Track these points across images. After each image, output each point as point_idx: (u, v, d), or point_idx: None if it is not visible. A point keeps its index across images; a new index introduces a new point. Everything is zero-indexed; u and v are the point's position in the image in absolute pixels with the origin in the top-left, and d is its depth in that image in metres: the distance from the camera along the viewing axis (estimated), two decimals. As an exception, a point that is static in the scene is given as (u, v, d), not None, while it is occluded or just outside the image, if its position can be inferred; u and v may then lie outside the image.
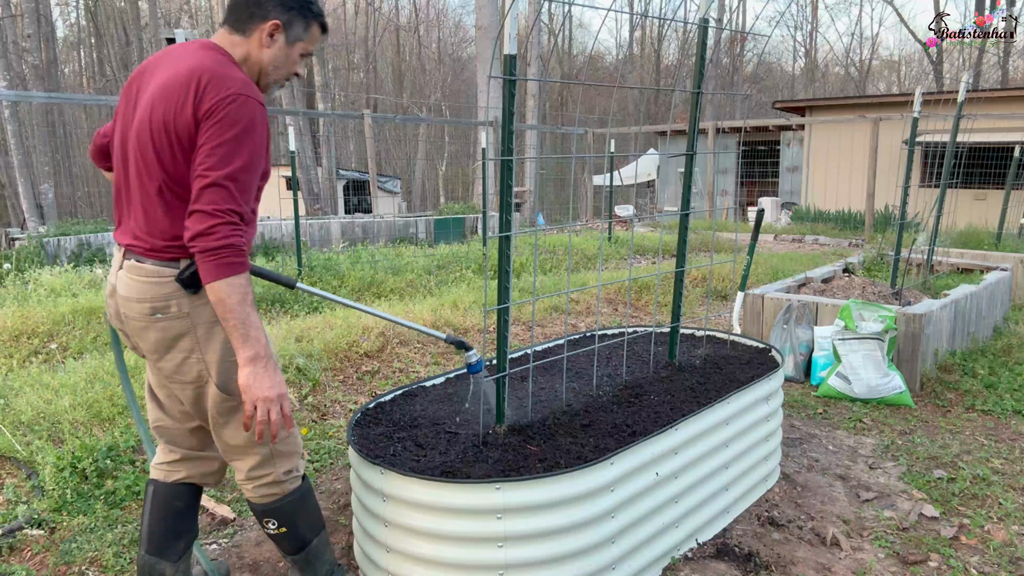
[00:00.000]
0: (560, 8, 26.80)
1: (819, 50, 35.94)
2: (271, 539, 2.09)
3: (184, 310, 1.78)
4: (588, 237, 10.77)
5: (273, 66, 1.87)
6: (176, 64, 1.76)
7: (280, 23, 1.84)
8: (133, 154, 1.78)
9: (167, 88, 1.72)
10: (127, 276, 1.80)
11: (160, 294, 1.76)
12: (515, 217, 6.78)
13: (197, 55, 1.77)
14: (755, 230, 4.94)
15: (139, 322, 1.80)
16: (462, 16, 42.09)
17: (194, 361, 1.82)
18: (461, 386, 2.82)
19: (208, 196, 1.63)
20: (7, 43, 14.94)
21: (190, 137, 1.69)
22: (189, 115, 1.68)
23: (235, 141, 1.67)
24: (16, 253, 7.31)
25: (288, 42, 1.87)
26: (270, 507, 2.00)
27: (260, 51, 1.84)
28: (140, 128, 1.76)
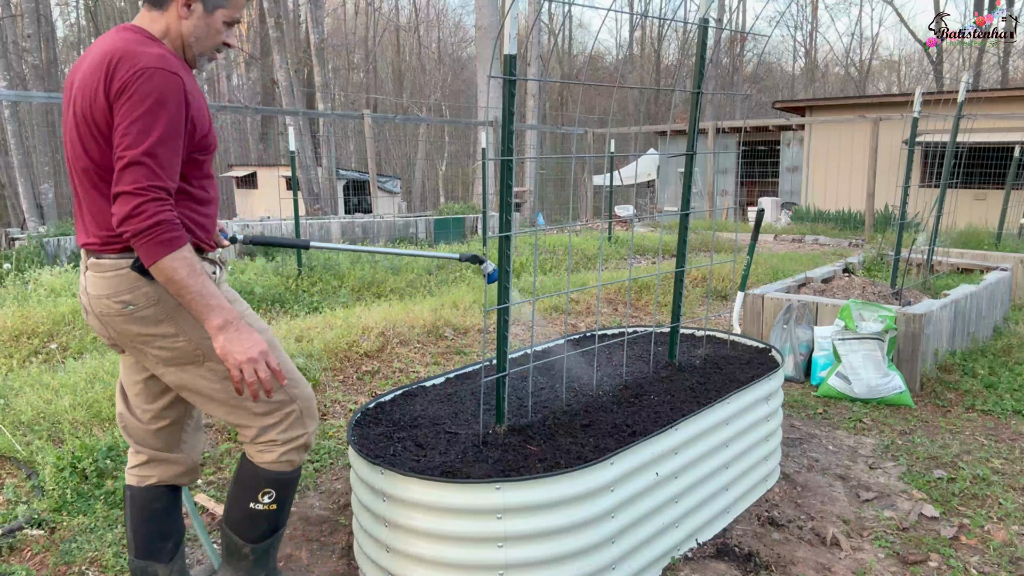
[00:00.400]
0: (560, 8, 26.81)
1: (819, 50, 35.97)
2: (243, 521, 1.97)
3: (153, 297, 1.75)
4: (588, 237, 10.78)
5: (195, 37, 1.79)
6: (92, 53, 1.72)
7: None
8: (70, 152, 1.75)
9: (84, 79, 1.69)
10: (92, 275, 1.78)
11: (125, 286, 1.74)
12: (515, 217, 6.78)
13: (111, 39, 1.72)
14: (755, 230, 4.94)
15: (116, 317, 1.77)
16: (462, 16, 42.12)
17: (183, 342, 1.79)
18: (461, 386, 2.82)
19: (128, 176, 1.58)
20: (7, 43, 14.95)
21: (107, 122, 1.65)
22: (102, 99, 1.64)
23: (149, 115, 1.60)
24: (16, 253, 7.31)
25: (207, 10, 1.78)
26: (281, 477, 1.94)
27: (179, 23, 1.77)
28: (69, 124, 1.74)
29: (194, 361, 1.82)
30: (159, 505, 2.04)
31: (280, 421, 1.91)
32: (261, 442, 1.91)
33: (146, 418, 1.99)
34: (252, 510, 1.95)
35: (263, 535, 1.99)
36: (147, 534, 2.01)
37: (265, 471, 1.93)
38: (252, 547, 1.99)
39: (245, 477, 1.95)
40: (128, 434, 2.02)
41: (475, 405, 2.58)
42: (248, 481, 1.94)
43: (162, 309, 1.76)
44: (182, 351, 1.80)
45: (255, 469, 1.93)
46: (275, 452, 1.92)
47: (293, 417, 1.94)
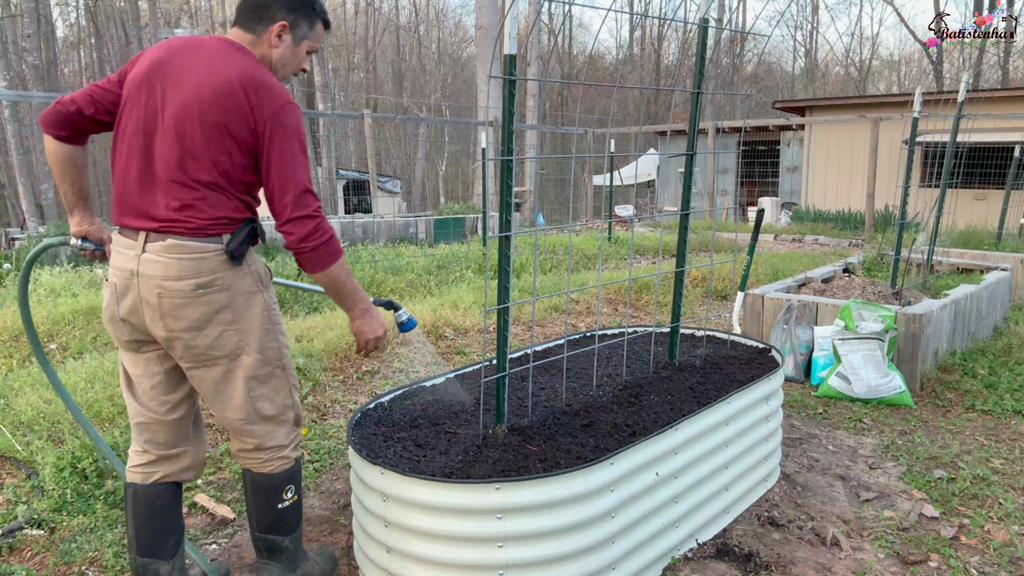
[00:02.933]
0: (560, 8, 26.81)
1: (819, 50, 35.94)
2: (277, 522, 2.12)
3: (227, 283, 1.89)
4: (588, 237, 10.77)
5: (281, 63, 2.01)
6: (216, 66, 1.87)
7: (287, 24, 1.97)
8: (168, 145, 1.86)
9: (219, 93, 1.84)
10: (162, 256, 1.86)
11: (205, 269, 1.86)
12: (515, 217, 6.77)
13: (236, 59, 1.89)
14: (755, 230, 4.94)
15: (178, 299, 1.86)
16: (462, 16, 42.12)
17: (231, 332, 1.92)
18: (461, 386, 2.81)
19: (302, 202, 1.87)
20: (7, 43, 14.94)
21: (249, 144, 1.88)
22: (249, 125, 1.86)
23: (302, 149, 1.90)
24: (16, 253, 7.31)
25: (295, 41, 2.01)
26: (292, 472, 2.11)
27: (270, 50, 1.98)
28: (183, 123, 1.85)
29: (230, 356, 1.94)
30: (162, 502, 2.09)
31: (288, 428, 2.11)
32: (268, 457, 2.08)
33: (163, 410, 2.05)
34: (281, 510, 2.12)
35: (296, 523, 2.18)
36: (150, 531, 2.06)
37: (280, 475, 2.10)
38: (290, 538, 2.17)
39: (266, 489, 2.10)
40: (142, 431, 2.06)
41: (475, 405, 2.58)
42: (270, 491, 2.10)
43: (228, 297, 1.90)
44: (226, 346, 1.92)
45: (272, 478, 2.09)
46: (286, 457, 2.11)
47: (293, 420, 2.13)
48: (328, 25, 2.10)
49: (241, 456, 2.10)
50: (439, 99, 29.41)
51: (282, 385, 2.06)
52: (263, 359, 1.98)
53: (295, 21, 1.99)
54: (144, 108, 1.89)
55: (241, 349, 1.94)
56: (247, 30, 1.97)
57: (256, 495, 2.11)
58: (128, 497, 2.07)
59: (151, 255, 1.87)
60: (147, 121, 1.89)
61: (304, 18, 2.01)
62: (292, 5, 1.98)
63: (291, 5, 1.97)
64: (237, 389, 1.97)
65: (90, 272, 6.62)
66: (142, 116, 1.90)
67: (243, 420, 2.01)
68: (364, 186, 18.23)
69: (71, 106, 1.96)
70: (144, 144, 1.89)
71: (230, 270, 1.90)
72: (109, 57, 24.80)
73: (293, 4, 1.98)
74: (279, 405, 2.06)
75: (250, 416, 2.01)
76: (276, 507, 2.11)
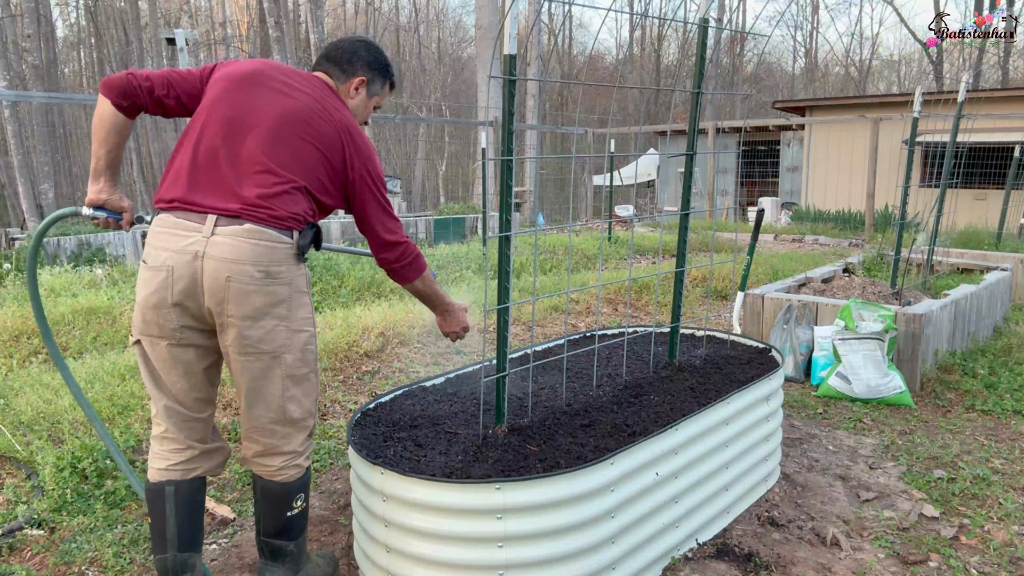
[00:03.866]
0: (560, 8, 26.81)
1: (819, 50, 35.93)
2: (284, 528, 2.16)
3: (289, 277, 1.98)
4: (588, 237, 10.77)
5: (355, 112, 2.22)
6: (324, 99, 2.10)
7: (366, 80, 2.23)
8: (269, 141, 1.99)
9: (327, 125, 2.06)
10: (238, 239, 1.91)
11: (276, 258, 1.95)
12: (515, 217, 6.77)
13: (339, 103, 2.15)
14: (755, 230, 4.94)
15: (246, 284, 1.91)
16: (462, 16, 42.09)
17: (282, 328, 1.99)
18: (461, 386, 2.81)
19: (398, 228, 2.20)
20: (7, 43, 14.94)
21: (340, 179, 2.11)
22: (345, 165, 2.09)
23: (383, 189, 2.18)
24: (16, 253, 7.31)
25: (368, 96, 2.26)
26: (303, 481, 2.17)
27: (347, 100, 2.21)
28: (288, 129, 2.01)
29: (276, 351, 2.00)
30: (201, 496, 2.17)
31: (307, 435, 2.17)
32: (288, 465, 2.12)
33: (199, 406, 2.10)
34: (289, 517, 2.16)
35: (302, 528, 2.23)
36: (191, 526, 2.11)
37: (293, 484, 2.13)
38: (295, 543, 2.21)
39: (277, 497, 2.14)
40: (183, 427, 2.09)
41: (475, 405, 2.58)
42: (281, 499, 2.14)
43: (288, 291, 1.98)
44: (275, 340, 1.99)
45: (285, 487, 2.13)
46: (299, 466, 2.14)
47: (312, 427, 2.18)
48: (394, 88, 2.36)
49: (255, 462, 2.12)
50: (439, 99, 29.41)
51: (311, 390, 2.12)
52: (302, 359, 2.06)
53: (372, 78, 2.24)
54: (242, 103, 2.02)
55: (286, 347, 2.01)
56: (332, 77, 2.20)
57: (266, 501, 2.15)
58: (168, 495, 2.08)
59: (222, 238, 1.90)
60: (245, 115, 2.01)
61: (380, 77, 2.27)
62: (373, 65, 2.24)
63: (371, 64, 2.23)
64: (274, 386, 2.03)
65: (90, 272, 6.62)
66: (239, 109, 2.01)
67: (271, 419, 2.06)
68: (364, 186, 18.19)
69: (145, 82, 2.02)
70: (237, 134, 1.99)
71: (294, 265, 2.00)
72: (109, 57, 24.79)
73: (373, 64, 2.24)
74: (305, 410, 2.11)
75: (278, 416, 2.06)
76: (285, 515, 2.15)
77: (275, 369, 2.01)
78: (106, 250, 8.19)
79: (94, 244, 8.15)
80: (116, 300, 5.30)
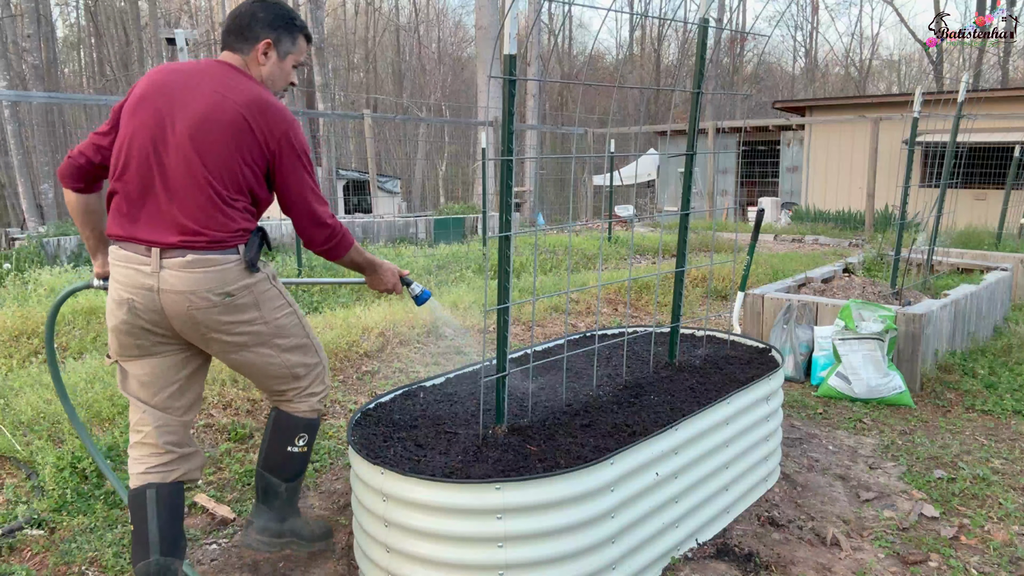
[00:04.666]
0: (560, 8, 26.81)
1: (819, 50, 35.92)
2: (282, 463, 2.32)
3: (249, 286, 2.04)
4: (588, 237, 10.77)
5: (271, 80, 2.12)
6: (223, 88, 1.99)
7: (270, 41, 2.08)
8: (183, 161, 1.95)
9: (230, 115, 1.96)
10: (184, 271, 1.95)
11: (228, 279, 1.99)
12: (515, 217, 6.77)
13: (241, 82, 2.02)
14: (755, 230, 4.94)
15: (207, 309, 1.99)
16: (462, 16, 42.08)
17: (260, 325, 2.11)
18: (461, 386, 2.82)
19: (315, 214, 2.11)
20: (7, 43, 14.94)
21: (261, 163, 2.03)
22: (260, 146, 2.00)
23: (307, 165, 2.09)
24: (16, 253, 7.31)
25: (280, 57, 2.12)
26: (312, 422, 2.33)
27: (259, 68, 2.10)
28: (198, 142, 1.95)
29: (264, 342, 2.13)
30: (180, 500, 2.18)
31: (314, 380, 2.31)
32: (297, 399, 2.28)
33: (180, 411, 2.17)
34: (290, 453, 2.31)
35: (296, 474, 2.37)
36: (172, 530, 2.12)
37: (300, 419, 2.29)
38: (286, 485, 2.36)
39: (283, 427, 2.30)
40: (162, 432, 2.13)
41: (475, 405, 2.58)
42: (286, 430, 2.30)
43: (253, 297, 2.06)
44: (257, 333, 2.11)
45: (292, 419, 2.29)
46: (309, 402, 2.30)
47: (319, 374, 2.32)
48: (310, 39, 2.20)
49: (273, 398, 2.31)
50: (439, 99, 29.40)
51: (310, 348, 2.27)
52: (292, 334, 2.19)
53: (277, 38, 2.09)
54: (151, 127, 1.97)
55: (272, 334, 2.14)
56: (235, 51, 2.09)
57: (274, 431, 2.31)
58: (149, 498, 2.09)
59: (171, 271, 1.94)
60: (156, 139, 1.96)
61: (286, 34, 2.11)
62: (273, 23, 2.08)
63: (272, 23, 2.08)
64: (274, 363, 2.18)
65: (90, 273, 6.62)
66: (149, 134, 1.97)
67: (281, 381, 2.23)
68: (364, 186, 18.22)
69: (80, 159, 2.07)
70: (155, 161, 1.96)
71: (248, 277, 2.04)
72: (109, 57, 24.79)
73: (274, 22, 2.09)
74: (309, 364, 2.27)
75: (287, 377, 2.24)
76: (285, 448, 2.30)
77: (269, 351, 2.15)
78: (106, 250, 8.18)
79: (94, 244, 8.15)
80: (116, 300, 5.29)
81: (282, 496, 2.38)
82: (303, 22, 2.17)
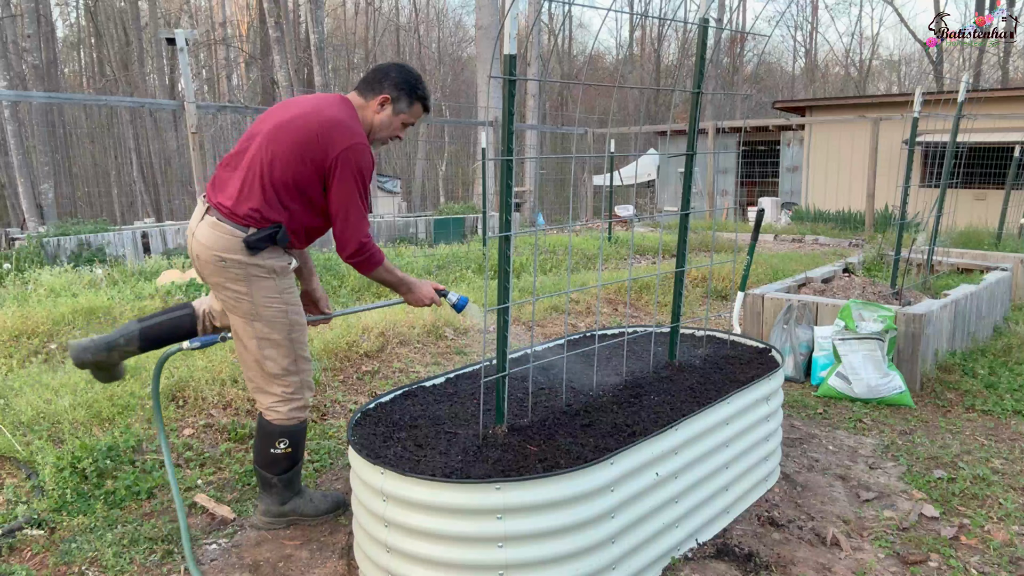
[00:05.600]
0: (560, 8, 26.82)
1: (819, 50, 35.93)
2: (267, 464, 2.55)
3: (241, 262, 2.33)
4: (588, 237, 10.77)
5: (379, 128, 2.46)
6: (317, 105, 2.36)
7: (390, 97, 2.44)
8: (265, 152, 2.32)
9: (307, 124, 2.30)
10: (206, 228, 2.35)
11: (228, 247, 2.32)
12: (515, 217, 6.77)
13: (334, 106, 2.37)
14: (755, 230, 4.94)
15: (206, 263, 2.36)
16: (462, 16, 42.05)
17: (245, 300, 2.37)
18: (461, 386, 2.82)
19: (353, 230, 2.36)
20: (7, 43, 14.94)
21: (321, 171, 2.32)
22: (322, 156, 2.29)
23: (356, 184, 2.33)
24: (16, 253, 7.30)
25: (393, 112, 2.46)
26: (291, 428, 2.52)
27: (372, 115, 2.45)
28: (275, 137, 2.32)
29: (246, 316, 2.39)
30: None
31: (286, 388, 2.48)
32: (272, 406, 2.48)
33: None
34: (273, 454, 2.54)
35: (285, 470, 2.59)
36: None
37: (277, 426, 2.50)
38: (278, 478, 2.60)
39: (263, 432, 2.53)
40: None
41: (475, 405, 2.58)
42: (266, 435, 2.52)
43: (244, 273, 2.34)
44: (242, 307, 2.39)
45: (269, 426, 2.51)
46: (282, 412, 2.49)
47: (295, 385, 2.50)
48: (428, 108, 2.53)
49: (254, 397, 2.54)
50: (439, 99, 29.39)
51: (287, 353, 2.45)
52: (272, 328, 2.40)
53: (397, 96, 2.44)
54: (259, 123, 2.41)
55: (254, 315, 2.38)
56: (361, 94, 2.46)
57: (257, 432, 2.55)
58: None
59: (203, 226, 2.36)
60: (255, 132, 2.39)
61: (405, 96, 2.45)
62: (399, 84, 2.44)
63: (398, 84, 2.44)
64: (251, 343, 2.42)
65: (90, 272, 6.62)
66: (251, 129, 2.42)
67: (252, 369, 2.46)
68: (364, 186, 18.17)
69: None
70: (244, 147, 2.38)
71: (244, 255, 2.32)
72: (109, 57, 24.80)
73: (400, 84, 2.44)
74: (281, 368, 2.45)
75: (258, 368, 2.45)
76: (268, 450, 2.53)
77: (247, 329, 2.40)
78: (106, 250, 8.18)
79: (94, 244, 8.15)
80: (116, 300, 5.30)
81: (277, 486, 2.61)
82: (425, 92, 2.50)
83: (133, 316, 5.02)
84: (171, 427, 3.40)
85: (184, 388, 3.67)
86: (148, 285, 5.93)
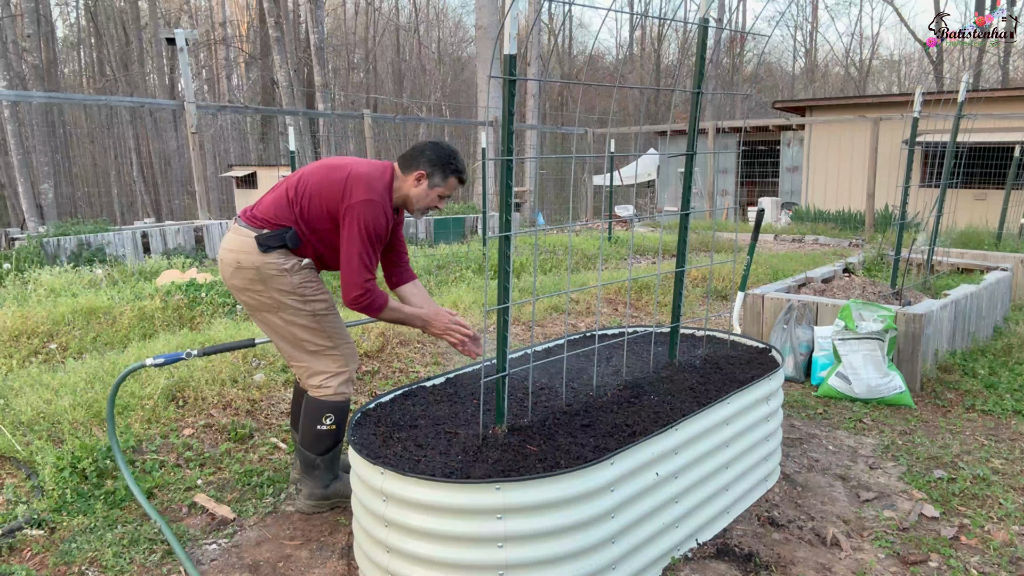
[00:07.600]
0: (560, 8, 26.82)
1: (819, 50, 35.92)
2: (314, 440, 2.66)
3: (254, 263, 2.52)
4: (588, 237, 10.77)
5: (416, 200, 2.64)
6: (355, 166, 2.58)
7: (425, 173, 2.60)
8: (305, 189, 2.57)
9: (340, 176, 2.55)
10: (230, 234, 2.61)
11: (242, 247, 2.55)
12: (515, 217, 6.77)
13: (369, 170, 2.58)
14: (755, 230, 4.94)
15: (228, 267, 2.58)
16: (462, 16, 42.01)
17: (266, 296, 2.57)
18: (461, 386, 2.81)
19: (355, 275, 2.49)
20: (7, 43, 14.94)
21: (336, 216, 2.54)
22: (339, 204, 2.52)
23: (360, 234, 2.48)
24: (16, 253, 7.31)
25: (429, 186, 2.63)
26: (338, 404, 2.64)
27: (409, 187, 2.63)
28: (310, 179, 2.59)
29: (271, 311, 2.58)
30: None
31: (333, 361, 2.65)
32: (323, 383, 2.63)
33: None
34: (318, 431, 2.66)
35: (328, 448, 2.70)
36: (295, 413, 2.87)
37: (325, 402, 2.63)
38: (322, 458, 2.71)
39: (310, 409, 2.65)
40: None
41: (475, 405, 2.58)
42: (313, 412, 2.64)
43: (256, 274, 2.54)
44: (266, 303, 2.58)
45: (317, 402, 2.64)
46: (332, 386, 2.63)
47: (341, 359, 2.66)
48: (463, 181, 2.68)
49: (303, 382, 2.69)
50: (439, 99, 29.40)
51: (323, 331, 2.62)
52: (295, 316, 2.58)
53: (431, 172, 2.60)
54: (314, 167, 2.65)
55: (278, 307, 2.57)
56: (401, 168, 2.64)
57: (305, 413, 2.66)
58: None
59: (228, 232, 2.63)
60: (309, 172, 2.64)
61: (439, 171, 2.61)
62: (433, 161, 2.60)
63: (432, 161, 2.60)
64: (284, 330, 2.60)
65: (90, 272, 6.63)
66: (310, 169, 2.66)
67: (293, 353, 2.64)
68: (364, 186, 18.16)
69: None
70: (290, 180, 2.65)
71: (257, 254, 2.52)
72: (109, 57, 24.79)
73: (434, 160, 2.60)
74: (319, 345, 2.62)
75: (297, 350, 2.63)
76: (315, 428, 2.64)
77: (276, 321, 2.59)
78: (106, 250, 8.18)
79: (94, 244, 8.15)
80: (116, 300, 5.30)
81: (320, 467, 2.72)
82: (459, 166, 2.66)
83: (133, 316, 5.02)
84: (171, 427, 3.40)
85: (184, 388, 3.67)
86: (148, 285, 5.93)
